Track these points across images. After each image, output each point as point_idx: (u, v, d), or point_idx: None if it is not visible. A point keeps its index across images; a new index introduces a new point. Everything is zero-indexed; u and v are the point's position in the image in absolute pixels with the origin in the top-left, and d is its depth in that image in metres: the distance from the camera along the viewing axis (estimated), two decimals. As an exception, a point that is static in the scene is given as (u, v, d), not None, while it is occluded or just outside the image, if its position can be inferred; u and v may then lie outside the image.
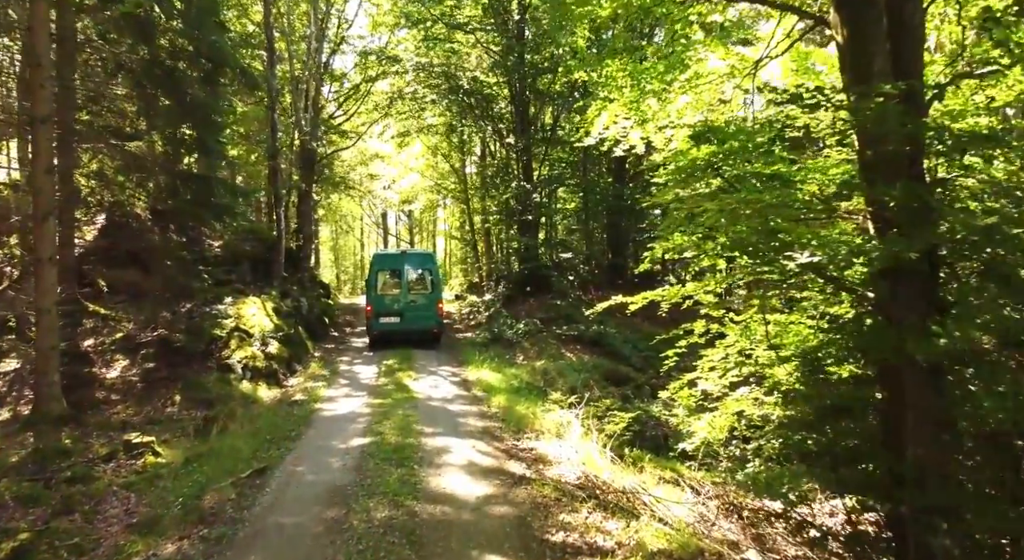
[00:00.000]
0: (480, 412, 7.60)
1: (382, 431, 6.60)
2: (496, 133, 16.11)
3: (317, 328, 13.47)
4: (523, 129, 15.68)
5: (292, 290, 13.37)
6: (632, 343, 12.29)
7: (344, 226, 41.27)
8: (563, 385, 9.91)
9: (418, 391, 8.64)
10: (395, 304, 12.33)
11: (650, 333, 13.29)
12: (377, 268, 12.87)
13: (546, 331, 12.78)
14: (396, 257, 13.45)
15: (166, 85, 8.75)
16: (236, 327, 10.48)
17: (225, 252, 13.11)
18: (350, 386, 9.26)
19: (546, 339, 12.39)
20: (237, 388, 9.22)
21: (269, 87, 12.92)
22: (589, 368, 10.94)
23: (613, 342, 12.07)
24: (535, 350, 11.99)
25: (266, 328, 11.01)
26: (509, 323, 13.13)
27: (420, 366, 10.56)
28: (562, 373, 10.38)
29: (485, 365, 10.46)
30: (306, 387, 9.38)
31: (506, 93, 16.01)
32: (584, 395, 9.64)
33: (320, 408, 7.99)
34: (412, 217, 37.90)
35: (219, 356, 9.84)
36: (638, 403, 9.28)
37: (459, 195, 25.65)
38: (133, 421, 8.15)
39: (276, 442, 6.59)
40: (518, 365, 11.09)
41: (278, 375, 10.18)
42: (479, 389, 8.85)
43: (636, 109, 6.91)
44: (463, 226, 28.04)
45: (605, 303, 6.81)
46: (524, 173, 15.72)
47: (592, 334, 12.44)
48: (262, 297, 12.24)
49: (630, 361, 11.71)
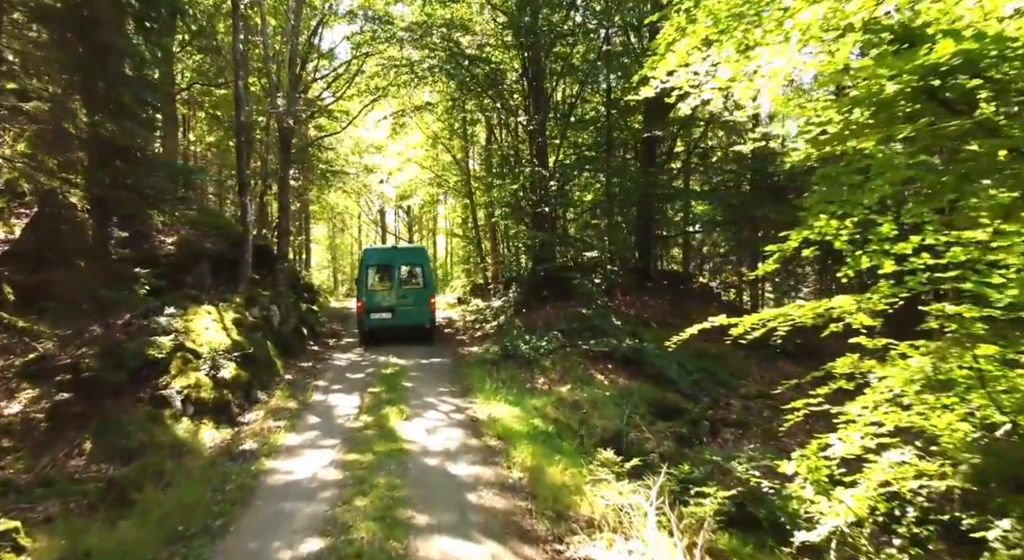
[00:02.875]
0: (498, 478, 5.28)
1: (351, 521, 4.30)
2: (505, 110, 13.83)
3: (292, 342, 11.17)
4: (537, 106, 13.36)
5: (262, 296, 11.05)
6: (678, 362, 9.95)
7: (339, 224, 39.10)
8: (601, 423, 7.61)
9: (410, 438, 6.33)
10: (386, 300, 12.05)
11: (698, 349, 10.96)
12: (368, 264, 12.48)
13: (570, 346, 10.47)
14: (387, 252, 13.10)
15: (71, 24, 6.45)
16: (180, 346, 8.17)
17: (180, 250, 10.80)
18: (320, 428, 6.94)
19: (570, 356, 10.06)
20: (171, 430, 6.92)
21: (234, 51, 10.62)
22: (629, 397, 8.62)
23: (654, 360, 9.75)
24: (558, 371, 9.67)
25: (221, 346, 8.71)
26: (524, 336, 10.82)
27: (414, 394, 8.25)
28: (598, 405, 8.05)
29: (498, 394, 8.15)
30: (263, 428, 7.07)
31: (517, 64, 13.70)
32: (628, 432, 7.35)
33: (271, 469, 5.68)
34: (411, 213, 35.60)
35: (154, 384, 7.57)
36: (708, 452, 6.96)
37: (461, 188, 23.36)
38: (19, 482, 5.91)
39: (189, 539, 4.29)
40: (539, 392, 8.77)
41: (231, 409, 7.87)
42: (493, 434, 6.54)
43: (735, 30, 4.59)
44: (465, 222, 25.74)
45: (694, 328, 4.51)
46: (538, 158, 13.41)
47: (627, 351, 10.12)
48: (221, 306, 9.93)
49: (678, 386, 9.39)
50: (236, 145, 11.19)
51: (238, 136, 10.64)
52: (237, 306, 10.22)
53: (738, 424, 8.59)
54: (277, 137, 13.36)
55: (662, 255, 20.47)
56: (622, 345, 10.36)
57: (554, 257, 12.60)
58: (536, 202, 13.17)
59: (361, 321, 12.13)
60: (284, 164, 12.40)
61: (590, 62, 13.02)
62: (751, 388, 9.74)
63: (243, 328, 9.74)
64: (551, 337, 10.50)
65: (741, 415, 8.79)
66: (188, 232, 11.19)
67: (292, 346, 11.02)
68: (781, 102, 5.33)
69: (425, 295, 12.21)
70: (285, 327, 11.13)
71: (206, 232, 11.51)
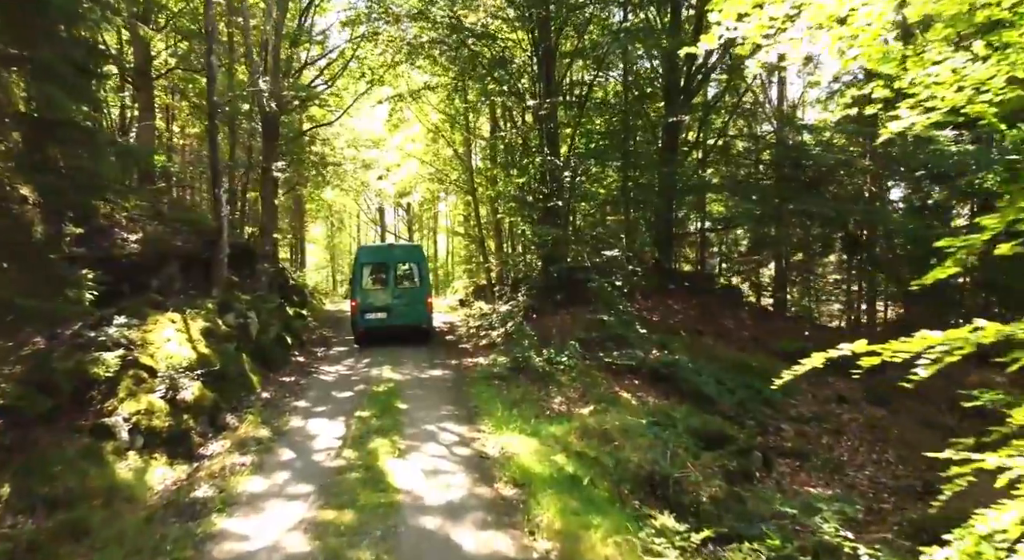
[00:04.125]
0: (519, 552, 3.96)
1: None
2: (512, 94, 12.53)
3: (274, 353, 9.86)
4: (548, 89, 12.05)
5: (239, 301, 9.74)
6: (715, 377, 8.62)
7: (336, 222, 37.89)
8: (636, 457, 6.27)
9: (404, 485, 5.02)
10: (381, 300, 11.66)
11: (735, 361, 9.63)
12: (362, 262, 12.07)
13: (589, 358, 9.16)
14: (382, 250, 12.79)
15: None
16: (132, 362, 6.88)
17: (145, 249, 9.49)
18: (293, 468, 5.63)
19: (591, 371, 8.75)
20: (111, 469, 5.63)
21: (207, 20, 9.31)
22: (665, 421, 7.30)
23: (689, 376, 8.42)
24: (577, 389, 8.35)
25: (184, 361, 7.42)
26: (537, 346, 9.50)
27: (411, 419, 6.94)
28: (629, 433, 6.72)
29: (510, 420, 6.84)
30: (225, 466, 5.76)
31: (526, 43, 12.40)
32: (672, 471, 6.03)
33: (222, 532, 4.38)
34: (411, 211, 34.33)
35: (97, 410, 6.29)
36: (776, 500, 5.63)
37: (463, 185, 22.05)
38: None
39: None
40: (557, 416, 7.44)
41: (190, 439, 6.56)
42: (507, 478, 5.22)
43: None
44: (468, 220, 24.45)
45: (817, 359, 3.18)
46: (549, 146, 12.10)
47: (655, 364, 8.80)
48: (189, 313, 8.63)
49: (718, 406, 8.06)
50: (208, 128, 9.89)
51: (210, 117, 9.34)
52: (208, 313, 8.92)
53: (794, 454, 7.27)
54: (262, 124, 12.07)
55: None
56: (649, 357, 9.05)
57: (566, 257, 11.26)
58: (547, 196, 11.85)
59: (355, 322, 11.69)
60: (268, 153, 11.11)
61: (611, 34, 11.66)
62: (803, 408, 8.42)
63: (214, 339, 8.44)
64: (568, 348, 9.18)
65: (796, 442, 7.47)
66: (156, 229, 9.89)
67: (273, 358, 9.71)
68: (879, 55, 4.06)
69: (421, 294, 11.84)
70: (265, 336, 9.82)
71: (178, 229, 10.20)
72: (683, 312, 11.57)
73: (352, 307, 11.80)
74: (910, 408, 8.46)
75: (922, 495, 6.71)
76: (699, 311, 11.65)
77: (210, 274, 9.74)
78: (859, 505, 5.46)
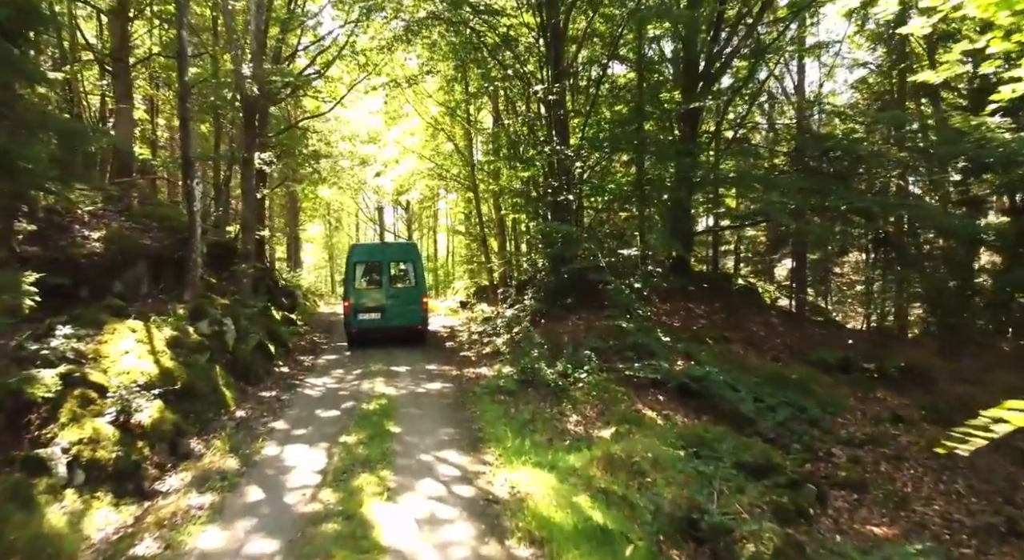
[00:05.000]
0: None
1: None
2: (518, 79, 11.51)
3: (253, 364, 8.85)
4: (557, 73, 11.03)
5: (214, 306, 8.73)
6: (751, 392, 7.59)
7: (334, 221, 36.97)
8: (671, 492, 5.26)
9: (392, 541, 4.01)
10: (375, 300, 11.30)
11: (772, 373, 8.59)
12: (355, 261, 11.67)
13: (606, 369, 8.14)
14: (376, 249, 12.55)
15: None
16: (78, 380, 5.89)
17: (109, 248, 8.48)
18: (259, 514, 4.61)
19: (609, 385, 7.73)
20: (40, 516, 4.64)
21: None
22: (697, 444, 6.29)
23: (722, 392, 7.41)
24: (595, 405, 7.34)
25: (144, 377, 6.42)
26: (547, 356, 8.50)
27: (404, 446, 5.93)
28: (660, 462, 5.71)
29: (521, 446, 5.83)
30: (178, 511, 4.76)
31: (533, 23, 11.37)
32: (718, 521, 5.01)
33: (152, 616, 3.37)
34: (410, 209, 33.34)
35: (33, 438, 5.32)
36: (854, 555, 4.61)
37: (464, 180, 21.04)
38: None
39: None
40: (575, 440, 6.44)
41: (144, 472, 5.57)
42: (521, 531, 4.20)
43: None
44: (469, 218, 23.45)
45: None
46: (559, 135, 11.08)
47: (682, 377, 7.78)
48: (155, 320, 7.63)
49: (757, 427, 7.04)
50: (179, 111, 8.87)
51: (181, 99, 8.31)
52: (177, 320, 7.91)
53: (850, 485, 6.26)
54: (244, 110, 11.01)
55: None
56: (673, 369, 8.04)
57: (580, 256, 10.24)
58: (556, 189, 10.83)
59: (348, 323, 11.33)
60: (249, 142, 10.07)
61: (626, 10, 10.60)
62: (854, 429, 7.39)
63: (182, 350, 7.43)
64: (583, 359, 8.17)
65: (851, 471, 6.45)
66: (122, 225, 8.89)
67: (252, 370, 8.70)
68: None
69: (417, 294, 11.47)
70: (244, 345, 8.81)
71: (147, 225, 9.20)
72: (706, 316, 10.54)
73: (345, 308, 11.44)
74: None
75: (1007, 536, 5.70)
76: (723, 315, 10.62)
77: (182, 275, 8.73)
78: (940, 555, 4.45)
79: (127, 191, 9.41)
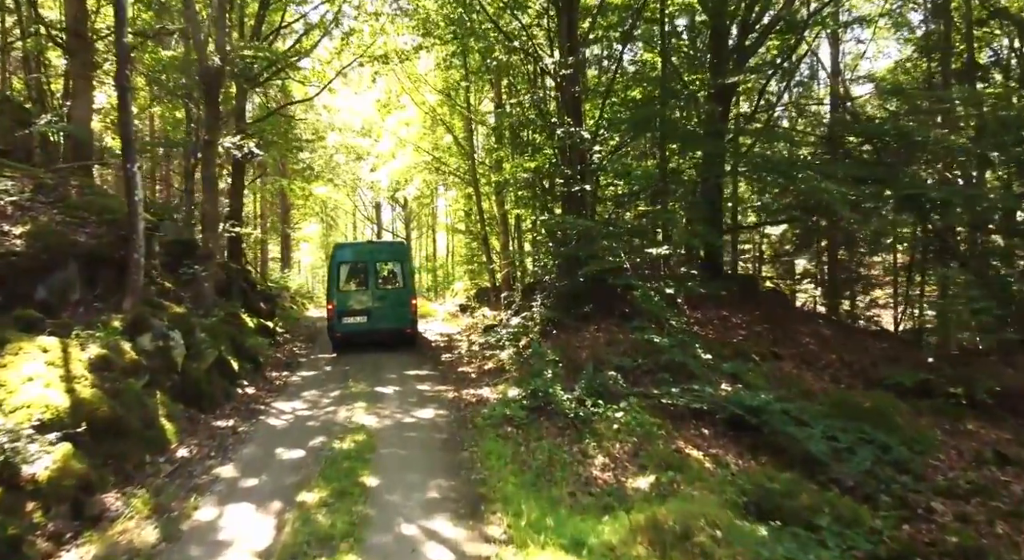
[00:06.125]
0: None
1: None
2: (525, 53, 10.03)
3: (209, 385, 7.36)
4: (570, 45, 9.54)
5: (163, 315, 7.24)
6: (821, 426, 6.07)
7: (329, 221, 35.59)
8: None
9: None
10: (361, 303, 10.69)
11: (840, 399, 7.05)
12: (340, 260, 11.05)
13: (635, 392, 6.65)
14: (362, 248, 11.86)
15: None
16: (-52, 420, 4.43)
17: (33, 246, 7.00)
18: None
19: (641, 414, 6.23)
20: None
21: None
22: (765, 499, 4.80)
23: (785, 427, 5.90)
24: (624, 442, 5.85)
25: (49, 412, 4.97)
26: (561, 377, 7.03)
27: (381, 513, 4.45)
28: (730, 540, 4.21)
29: (542, 524, 4.33)
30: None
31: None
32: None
33: None
34: (407, 207, 31.87)
35: None
36: None
37: (464, 175, 19.56)
38: None
39: None
40: (604, 494, 4.95)
41: (25, 551, 4.10)
42: None
43: None
44: (469, 215, 21.97)
45: None
46: (572, 117, 9.59)
47: (731, 405, 6.28)
48: (79, 336, 6.16)
49: (830, 471, 5.54)
50: (116, 77, 7.40)
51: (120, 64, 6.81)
52: (110, 335, 6.43)
53: (966, 555, 4.75)
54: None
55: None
56: (717, 393, 6.54)
57: (597, 255, 8.73)
58: (570, 179, 9.34)
59: (332, 327, 10.63)
60: (211, 123, 8.59)
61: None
62: (953, 474, 5.88)
63: (110, 373, 5.95)
64: (607, 381, 6.69)
65: (963, 535, 4.94)
66: (52, 218, 7.41)
67: (208, 393, 7.21)
68: None
69: (405, 296, 10.86)
70: (198, 363, 7.32)
71: (85, 219, 7.71)
72: (745, 326, 9.04)
73: (329, 311, 10.67)
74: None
75: None
76: (764, 324, 9.12)
77: (125, 278, 7.26)
78: None
79: (65, 179, 7.93)
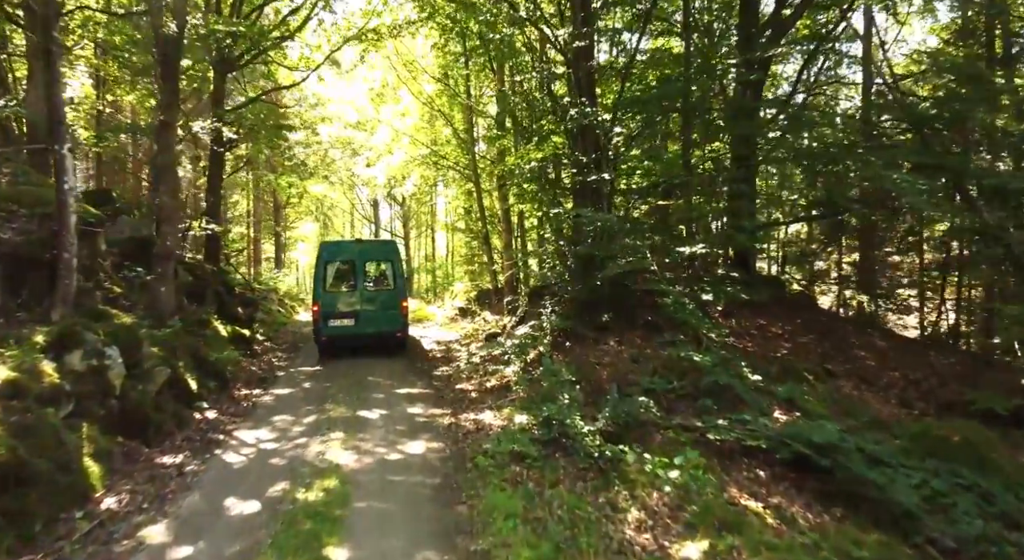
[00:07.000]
0: None
1: None
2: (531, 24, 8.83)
3: (159, 411, 6.15)
4: (584, 16, 8.34)
5: (98, 328, 6.02)
6: (905, 470, 4.86)
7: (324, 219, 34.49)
8: None
9: None
10: (348, 304, 10.17)
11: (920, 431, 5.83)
12: (326, 260, 10.41)
13: (673, 425, 5.45)
14: (349, 247, 11.07)
15: None
16: None
17: (-55, 245, 5.81)
18: None
19: (678, 446, 5.04)
20: None
21: None
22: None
23: (863, 470, 4.68)
24: (663, 492, 4.65)
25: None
26: (579, 403, 5.82)
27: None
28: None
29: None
30: None
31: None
32: None
33: None
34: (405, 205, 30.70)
35: None
36: None
37: (464, 170, 18.37)
38: None
39: None
40: (647, 572, 3.75)
41: None
42: None
43: None
44: (470, 213, 20.78)
45: None
46: (586, 96, 8.38)
47: (786, 437, 5.06)
48: (-16, 355, 4.95)
49: (923, 527, 4.34)
50: (41, 41, 6.18)
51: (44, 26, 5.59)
52: (29, 353, 5.23)
53: None
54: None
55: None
56: (774, 425, 5.33)
57: (616, 255, 7.52)
58: (584, 167, 8.13)
59: (318, 330, 10.12)
60: (168, 100, 7.36)
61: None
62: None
63: (19, 402, 4.75)
64: (638, 409, 5.48)
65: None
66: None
67: (154, 421, 6.00)
68: None
69: (395, 297, 10.36)
70: (144, 385, 6.11)
71: (13, 212, 6.52)
72: (788, 338, 7.81)
73: (314, 313, 10.12)
74: None
75: None
76: (808, 334, 7.89)
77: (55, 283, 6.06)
78: None
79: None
